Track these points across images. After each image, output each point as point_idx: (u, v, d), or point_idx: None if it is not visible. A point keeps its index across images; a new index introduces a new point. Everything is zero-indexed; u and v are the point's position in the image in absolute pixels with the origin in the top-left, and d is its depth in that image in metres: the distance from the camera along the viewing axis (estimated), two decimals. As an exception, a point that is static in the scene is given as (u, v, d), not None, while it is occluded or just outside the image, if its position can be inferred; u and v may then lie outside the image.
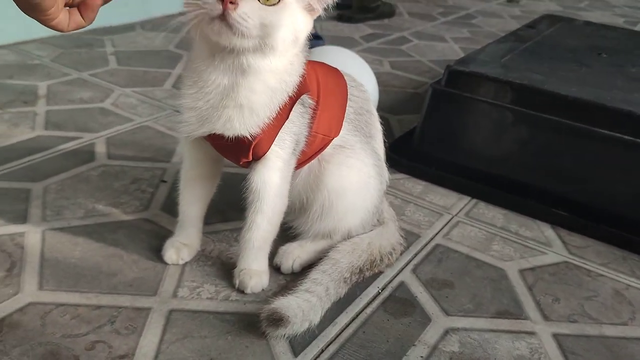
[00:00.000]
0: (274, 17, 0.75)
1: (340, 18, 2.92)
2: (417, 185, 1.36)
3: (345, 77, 0.99)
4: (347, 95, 0.97)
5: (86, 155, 1.35)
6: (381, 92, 1.88)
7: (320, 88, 0.91)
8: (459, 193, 1.33)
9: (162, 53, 2.10)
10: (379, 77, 2.04)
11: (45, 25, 0.67)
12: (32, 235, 1.05)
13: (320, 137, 0.91)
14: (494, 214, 1.26)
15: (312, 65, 0.92)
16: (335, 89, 0.95)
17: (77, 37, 2.19)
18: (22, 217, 1.09)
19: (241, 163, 0.91)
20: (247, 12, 0.72)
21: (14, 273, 0.95)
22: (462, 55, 2.22)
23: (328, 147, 0.95)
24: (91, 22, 0.70)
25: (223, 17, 0.72)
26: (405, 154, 1.42)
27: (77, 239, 1.05)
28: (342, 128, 0.95)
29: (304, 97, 0.88)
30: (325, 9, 0.82)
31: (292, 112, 0.86)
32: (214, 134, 0.85)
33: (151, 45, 2.18)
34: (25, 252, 1.00)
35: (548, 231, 1.22)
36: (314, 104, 0.90)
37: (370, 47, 2.45)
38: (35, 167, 1.27)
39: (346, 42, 2.44)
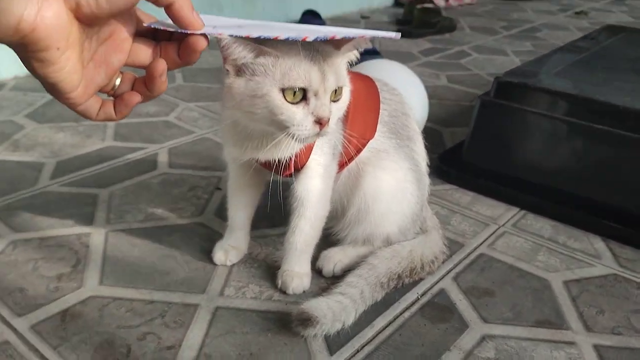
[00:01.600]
0: (341, 106, 0.82)
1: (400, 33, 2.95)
2: (465, 196, 1.36)
3: (377, 82, 1.03)
4: (379, 98, 1.00)
5: (149, 164, 1.44)
6: (435, 105, 1.90)
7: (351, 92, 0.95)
8: (507, 204, 1.33)
9: (225, 70, 2.20)
10: (435, 90, 2.07)
11: (71, 109, 0.59)
12: (96, 235, 1.14)
13: (356, 140, 0.94)
14: (542, 225, 1.25)
15: None
16: (366, 93, 0.97)
17: (148, 56, 2.33)
18: (89, 220, 1.19)
19: (284, 175, 0.95)
20: (332, 119, 0.78)
21: (78, 269, 1.04)
22: (521, 68, 2.19)
23: (365, 150, 0.98)
24: (122, 118, 0.64)
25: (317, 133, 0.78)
26: (454, 165, 1.43)
27: (136, 240, 1.13)
28: (377, 130, 0.98)
29: None
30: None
31: None
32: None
33: (216, 63, 2.29)
34: (90, 251, 1.09)
35: (598, 243, 1.19)
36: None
37: (428, 62, 2.46)
38: (103, 174, 1.38)
39: (404, 57, 2.47)
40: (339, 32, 0.68)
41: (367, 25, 3.15)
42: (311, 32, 0.67)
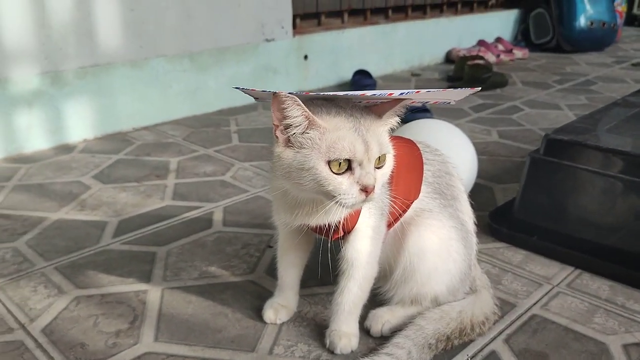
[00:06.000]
0: (385, 172, 0.86)
1: (450, 90, 2.98)
2: (516, 255, 1.34)
3: (419, 144, 1.05)
4: (422, 159, 1.02)
5: (205, 222, 1.50)
6: (487, 162, 1.90)
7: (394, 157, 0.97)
8: (561, 263, 1.30)
9: (279, 129, 2.28)
10: (486, 146, 2.07)
11: None
12: (153, 292, 1.19)
13: (400, 201, 0.96)
14: (599, 286, 1.21)
15: None
16: (408, 155, 1.00)
17: (207, 117, 2.46)
18: (147, 277, 1.24)
19: (333, 238, 0.97)
20: (377, 185, 0.82)
21: (136, 325, 1.08)
22: (574, 122, 2.17)
23: (410, 210, 1.00)
24: None
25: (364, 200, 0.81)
26: (505, 223, 1.41)
27: (190, 297, 1.17)
28: (421, 191, 1.00)
29: None
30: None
31: None
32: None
33: (270, 123, 2.37)
34: (146, 308, 1.13)
35: (660, 305, 1.15)
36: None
37: (480, 117, 2.47)
38: (161, 232, 1.44)
39: (455, 114, 2.49)
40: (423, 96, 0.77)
41: (417, 84, 3.21)
42: (390, 91, 0.78)
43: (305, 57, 2.92)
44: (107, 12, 2.14)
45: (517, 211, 1.44)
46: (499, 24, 4.27)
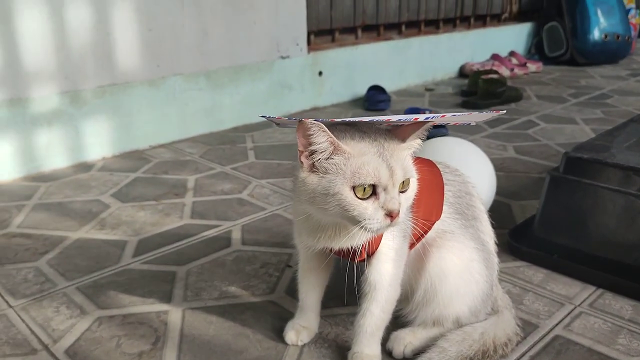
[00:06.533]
0: (409, 196, 0.86)
1: (465, 105, 2.99)
2: (537, 274, 1.33)
3: (439, 165, 1.05)
4: (442, 180, 1.02)
5: (224, 241, 1.51)
6: (503, 178, 1.89)
7: None
8: (583, 282, 1.29)
9: (294, 146, 2.29)
10: (502, 162, 2.06)
11: None
12: (174, 313, 1.19)
13: (422, 223, 0.96)
14: (622, 305, 1.20)
15: None
16: (429, 177, 0.99)
17: (223, 134, 2.48)
18: (167, 297, 1.25)
19: (356, 261, 0.97)
20: (402, 209, 0.82)
21: (158, 347, 1.08)
22: (593, 136, 2.16)
23: (431, 231, 1.00)
24: None
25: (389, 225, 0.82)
26: (525, 241, 1.41)
27: (211, 317, 1.17)
28: (442, 212, 1.00)
29: None
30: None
31: None
32: None
33: (285, 140, 2.39)
34: (168, 329, 1.14)
35: (685, 326, 1.13)
36: None
37: (495, 133, 2.46)
38: (181, 252, 1.45)
39: (470, 130, 2.49)
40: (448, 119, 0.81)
41: (431, 98, 3.21)
42: (415, 115, 0.80)
43: (320, 73, 2.94)
44: (125, 32, 2.17)
45: (537, 229, 1.43)
46: (513, 37, 4.28)
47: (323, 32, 3.09)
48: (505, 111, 0.83)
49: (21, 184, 1.95)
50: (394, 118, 0.82)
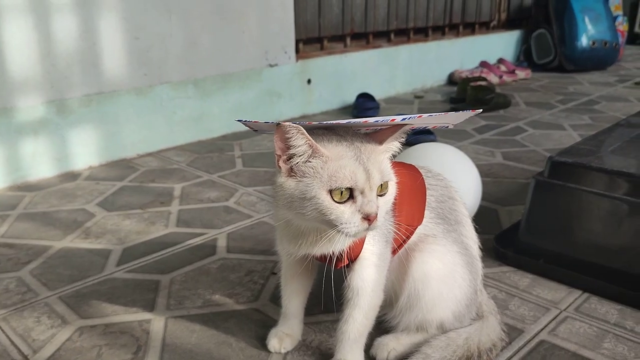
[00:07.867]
0: (388, 199, 0.85)
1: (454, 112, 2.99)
2: (523, 279, 1.33)
3: (421, 169, 1.05)
4: (424, 185, 1.02)
5: (209, 249, 1.50)
6: (491, 184, 1.89)
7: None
8: (568, 287, 1.28)
9: (283, 154, 2.29)
10: (490, 168, 2.06)
11: None
12: (157, 322, 1.18)
13: (404, 228, 0.95)
14: (608, 310, 1.20)
15: None
16: (411, 181, 0.99)
17: (211, 143, 2.47)
18: (150, 306, 1.24)
19: (339, 267, 0.96)
20: (380, 213, 0.82)
21: (139, 356, 1.07)
22: (579, 143, 2.17)
23: (413, 236, 0.99)
24: None
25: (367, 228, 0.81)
26: (511, 246, 1.40)
27: (194, 326, 1.16)
28: (424, 217, 0.99)
29: None
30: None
31: None
32: None
33: (273, 147, 2.38)
34: (150, 338, 1.13)
35: (670, 329, 1.13)
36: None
37: (483, 139, 2.47)
38: (165, 260, 1.44)
39: (458, 135, 2.49)
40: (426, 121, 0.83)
41: (420, 106, 3.22)
42: (391, 117, 0.81)
43: (309, 81, 2.94)
44: (111, 41, 2.16)
45: (522, 234, 1.42)
46: (501, 45, 4.30)
47: (312, 40, 3.09)
48: (481, 110, 0.82)
49: (6, 193, 1.93)
50: (371, 120, 0.82)
